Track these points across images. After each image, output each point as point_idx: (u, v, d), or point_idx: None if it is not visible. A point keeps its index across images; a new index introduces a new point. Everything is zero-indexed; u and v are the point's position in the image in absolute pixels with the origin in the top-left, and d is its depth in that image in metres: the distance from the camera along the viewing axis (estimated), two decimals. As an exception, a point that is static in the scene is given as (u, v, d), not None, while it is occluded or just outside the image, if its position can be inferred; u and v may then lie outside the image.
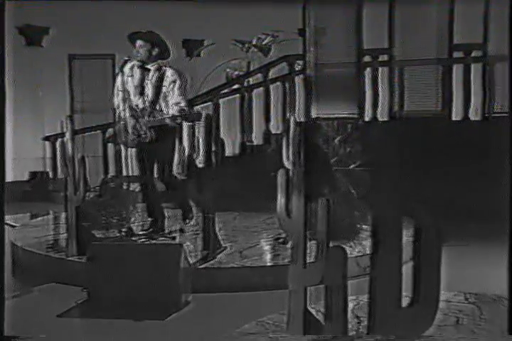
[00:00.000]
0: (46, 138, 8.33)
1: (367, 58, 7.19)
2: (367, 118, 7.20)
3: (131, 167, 6.35)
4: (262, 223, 6.36)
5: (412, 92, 7.10)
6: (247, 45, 8.44)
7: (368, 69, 7.16)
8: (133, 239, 5.77)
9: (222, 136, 7.43)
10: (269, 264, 4.94)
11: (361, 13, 7.13)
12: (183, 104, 5.71)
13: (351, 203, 5.89)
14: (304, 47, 7.34)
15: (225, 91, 7.65)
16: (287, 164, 6.15)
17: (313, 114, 7.37)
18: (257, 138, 7.64)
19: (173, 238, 5.71)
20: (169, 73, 5.84)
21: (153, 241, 5.66)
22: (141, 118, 5.82)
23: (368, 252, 5.42)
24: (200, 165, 7.32)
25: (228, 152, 7.70)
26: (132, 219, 6.22)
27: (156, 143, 5.74)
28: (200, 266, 4.89)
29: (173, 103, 5.75)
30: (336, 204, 5.89)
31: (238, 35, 8.35)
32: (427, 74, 7.01)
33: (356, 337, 3.65)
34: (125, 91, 5.95)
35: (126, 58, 5.83)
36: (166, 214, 5.91)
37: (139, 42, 5.88)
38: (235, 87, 7.70)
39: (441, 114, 7.01)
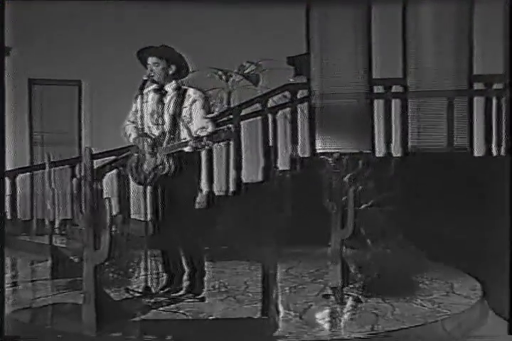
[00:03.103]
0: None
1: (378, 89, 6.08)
2: (380, 154, 6.03)
3: (139, 207, 4.86)
4: (288, 275, 5.00)
5: (429, 126, 5.98)
6: (228, 74, 7.11)
7: (380, 101, 6.02)
8: (149, 300, 4.29)
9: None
10: (358, 335, 3.61)
11: (370, 38, 5.99)
12: (210, 129, 4.27)
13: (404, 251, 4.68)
14: (308, 75, 6.12)
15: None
16: (328, 206, 4.87)
17: (319, 149, 6.14)
18: (251, 175, 6.30)
19: (202, 299, 4.26)
20: (190, 92, 4.43)
21: (176, 304, 4.20)
22: (158, 146, 4.37)
23: (449, 311, 4.32)
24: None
25: (220, 191, 6.34)
26: (136, 274, 4.73)
27: (176, 177, 4.28)
28: (272, 342, 3.52)
29: (197, 129, 4.29)
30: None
31: (220, 64, 7.02)
32: (444, 107, 5.93)
33: None
34: (139, 118, 4.50)
35: (145, 78, 4.38)
36: (186, 268, 4.45)
37: (152, 60, 4.43)
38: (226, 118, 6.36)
39: (461, 149, 5.94)
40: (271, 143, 6.16)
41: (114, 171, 6.12)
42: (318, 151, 6.04)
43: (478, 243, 5.22)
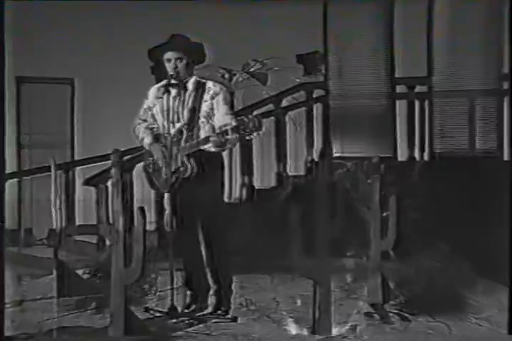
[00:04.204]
0: (-12, 179, 6.11)
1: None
2: (402, 158, 5.66)
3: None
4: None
5: (455, 128, 5.65)
6: (232, 72, 6.69)
7: (403, 101, 5.67)
8: (173, 321, 3.83)
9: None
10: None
11: (393, 35, 5.64)
12: (225, 128, 3.79)
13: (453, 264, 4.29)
14: (326, 75, 5.74)
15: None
16: (366, 214, 4.47)
17: (336, 152, 5.75)
18: (263, 181, 5.88)
19: (234, 319, 3.81)
20: (210, 84, 4.01)
21: (206, 325, 3.75)
22: (175, 146, 3.96)
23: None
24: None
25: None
26: (153, 291, 4.25)
27: (199, 180, 3.87)
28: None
29: (219, 125, 3.89)
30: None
31: (227, 62, 6.59)
32: (471, 108, 5.60)
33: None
34: (152, 117, 4.07)
35: (171, 72, 3.94)
36: (211, 283, 4.00)
37: (173, 55, 3.98)
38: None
39: (489, 152, 5.61)
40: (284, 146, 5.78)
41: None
42: (335, 155, 5.68)
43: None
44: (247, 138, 3.64)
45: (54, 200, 4.66)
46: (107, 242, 5.21)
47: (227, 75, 6.66)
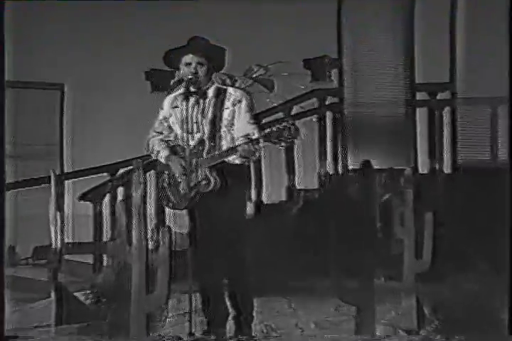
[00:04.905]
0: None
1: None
2: (424, 171, 5.40)
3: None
4: (342, 314, 4.24)
5: (480, 138, 5.42)
6: (235, 78, 6.41)
7: (423, 109, 5.42)
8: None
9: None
10: None
11: (413, 36, 5.40)
12: (257, 136, 3.58)
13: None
14: (340, 80, 5.46)
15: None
16: (400, 233, 4.18)
17: (351, 165, 5.47)
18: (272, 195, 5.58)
19: (260, 349, 3.51)
20: (231, 90, 3.76)
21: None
22: (195, 158, 3.67)
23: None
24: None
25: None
26: (164, 316, 3.92)
27: (222, 194, 3.59)
28: None
29: (240, 135, 3.64)
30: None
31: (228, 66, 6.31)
32: (497, 116, 5.37)
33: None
34: (169, 128, 3.78)
35: (190, 76, 3.65)
36: (230, 308, 3.67)
37: (194, 60, 3.69)
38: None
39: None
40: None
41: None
42: (350, 167, 5.40)
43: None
44: (279, 147, 3.37)
45: (54, 216, 4.32)
46: (105, 262, 4.91)
47: (228, 81, 6.40)
